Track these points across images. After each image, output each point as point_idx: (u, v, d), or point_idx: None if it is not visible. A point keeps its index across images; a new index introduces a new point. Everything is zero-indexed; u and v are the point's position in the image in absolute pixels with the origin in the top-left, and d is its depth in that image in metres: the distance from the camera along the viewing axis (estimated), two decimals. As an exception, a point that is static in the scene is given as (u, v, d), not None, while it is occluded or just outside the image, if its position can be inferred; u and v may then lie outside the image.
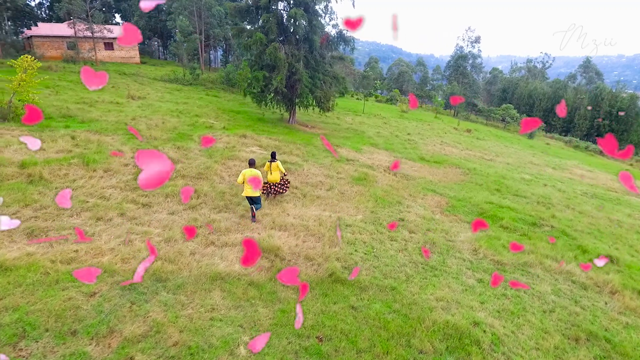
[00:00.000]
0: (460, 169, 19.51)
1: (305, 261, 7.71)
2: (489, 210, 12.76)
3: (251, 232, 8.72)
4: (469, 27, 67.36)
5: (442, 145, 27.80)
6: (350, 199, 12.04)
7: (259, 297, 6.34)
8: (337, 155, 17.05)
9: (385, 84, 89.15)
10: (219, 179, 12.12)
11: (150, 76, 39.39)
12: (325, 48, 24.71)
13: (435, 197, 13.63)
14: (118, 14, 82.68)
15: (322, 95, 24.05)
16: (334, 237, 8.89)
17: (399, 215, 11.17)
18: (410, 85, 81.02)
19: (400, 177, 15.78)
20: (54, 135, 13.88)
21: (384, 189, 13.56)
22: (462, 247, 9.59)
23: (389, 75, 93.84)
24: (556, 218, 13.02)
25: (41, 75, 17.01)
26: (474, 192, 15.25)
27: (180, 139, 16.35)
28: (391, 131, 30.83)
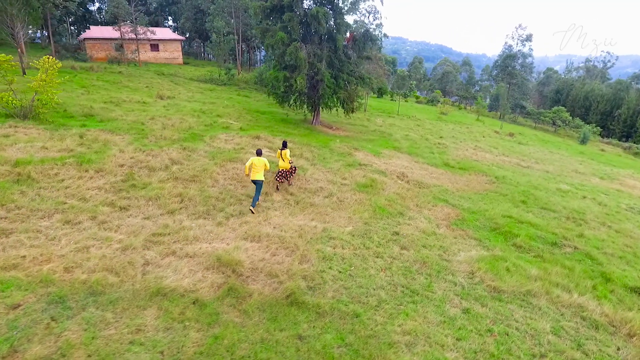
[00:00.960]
0: (487, 177, 17.99)
1: (266, 278, 7.06)
2: (504, 226, 11.44)
3: (220, 241, 8.20)
4: (519, 24, 63.43)
5: (475, 150, 26.05)
6: (346, 208, 11.23)
7: (197, 319, 5.78)
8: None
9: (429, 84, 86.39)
10: (213, 182, 11.75)
11: (187, 76, 40.37)
12: (352, 48, 23.84)
13: (446, 208, 12.47)
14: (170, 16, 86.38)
15: (345, 96, 23.24)
16: (309, 251, 8.17)
17: (395, 228, 10.22)
18: (455, 86, 77.79)
19: (413, 184, 14.69)
20: (65, 134, 14.19)
21: (389, 197, 12.59)
22: (457, 268, 8.52)
23: (432, 76, 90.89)
24: (584, 237, 11.45)
25: (62, 76, 17.45)
26: (494, 203, 13.87)
27: (190, 140, 16.25)
28: (422, 134, 29.40)
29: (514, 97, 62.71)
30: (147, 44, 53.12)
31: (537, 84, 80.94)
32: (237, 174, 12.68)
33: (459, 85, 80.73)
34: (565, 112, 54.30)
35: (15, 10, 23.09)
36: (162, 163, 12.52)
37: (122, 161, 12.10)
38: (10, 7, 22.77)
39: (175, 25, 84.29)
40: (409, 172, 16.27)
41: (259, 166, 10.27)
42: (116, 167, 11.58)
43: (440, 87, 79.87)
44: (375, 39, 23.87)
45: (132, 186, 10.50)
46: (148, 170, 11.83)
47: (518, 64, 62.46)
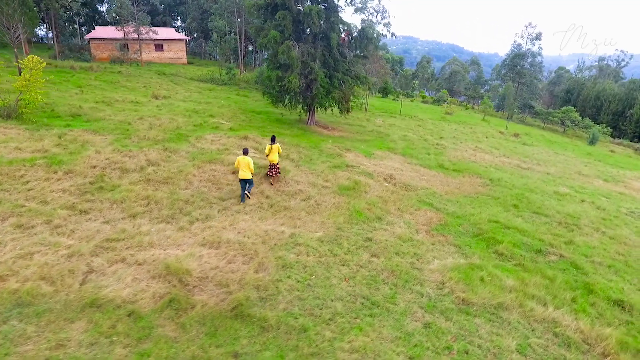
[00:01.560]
0: (481, 179, 17.38)
1: (215, 288, 6.68)
2: (489, 231, 10.88)
3: (176, 248, 7.84)
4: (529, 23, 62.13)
5: (474, 151, 25.37)
6: (322, 212, 10.80)
7: (128, 333, 5.42)
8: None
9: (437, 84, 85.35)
10: (186, 184, 11.42)
11: (188, 76, 40.30)
12: (348, 47, 23.37)
13: (429, 213, 11.95)
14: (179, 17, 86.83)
15: (340, 95, 22.78)
16: (268, 259, 7.77)
17: (369, 233, 9.76)
18: (463, 85, 76.66)
19: (400, 187, 14.19)
20: (45, 134, 14.01)
21: (370, 201, 12.12)
22: (428, 277, 8.03)
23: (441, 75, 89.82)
24: (573, 244, 10.84)
25: (46, 76, 17.32)
26: (482, 207, 13.31)
27: (175, 140, 15.98)
28: (422, 135, 28.78)
29: (522, 96, 61.45)
30: (152, 44, 53.30)
31: (548, 84, 79.33)
32: (214, 176, 12.34)
33: (467, 85, 79.59)
34: (574, 112, 52.97)
35: (11, 10, 23.09)
36: (137, 164, 12.24)
37: (96, 162, 11.85)
38: (6, 7, 22.78)
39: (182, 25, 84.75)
40: (398, 174, 15.76)
41: (243, 164, 10.63)
42: (88, 168, 11.32)
43: (447, 86, 78.74)
44: (372, 37, 23.35)
45: (99, 188, 10.22)
46: (121, 171, 11.56)
47: (527, 63, 61.21)
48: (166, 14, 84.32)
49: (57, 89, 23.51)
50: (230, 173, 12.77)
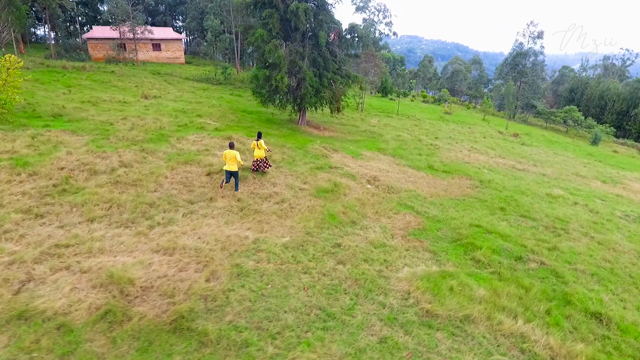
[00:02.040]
0: (471, 181, 16.89)
1: (159, 299, 6.30)
2: (468, 236, 10.42)
3: (128, 254, 7.46)
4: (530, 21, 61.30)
5: (469, 151, 24.85)
6: (294, 216, 10.39)
7: (51, 349, 5.05)
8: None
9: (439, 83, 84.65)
10: (156, 186, 11.06)
11: (183, 76, 40.01)
12: (338, 45, 22.92)
13: (408, 216, 11.50)
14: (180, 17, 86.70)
15: (330, 95, 22.34)
16: (224, 267, 7.38)
17: (339, 239, 9.33)
18: (465, 84, 75.90)
19: (382, 189, 13.74)
20: (18, 135, 13.72)
21: (347, 204, 11.70)
22: (394, 286, 7.60)
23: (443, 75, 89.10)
24: (556, 250, 10.35)
25: (24, 75, 17.04)
26: (467, 210, 12.83)
27: (155, 141, 15.65)
28: (417, 134, 28.29)
29: (524, 96, 60.66)
30: (149, 43, 53.09)
31: (552, 83, 78.34)
32: (188, 178, 11.97)
33: (469, 84, 78.83)
34: (577, 112, 52.13)
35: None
36: (108, 166, 11.90)
37: (65, 164, 11.51)
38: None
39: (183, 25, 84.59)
40: (382, 176, 15.32)
41: (229, 158, 11.05)
42: (55, 170, 10.99)
43: (449, 86, 78.03)
44: (362, 35, 22.91)
45: (62, 191, 9.88)
46: (89, 173, 11.22)
47: (529, 62, 60.40)
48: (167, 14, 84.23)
49: (44, 88, 23.28)
50: (205, 175, 12.41)
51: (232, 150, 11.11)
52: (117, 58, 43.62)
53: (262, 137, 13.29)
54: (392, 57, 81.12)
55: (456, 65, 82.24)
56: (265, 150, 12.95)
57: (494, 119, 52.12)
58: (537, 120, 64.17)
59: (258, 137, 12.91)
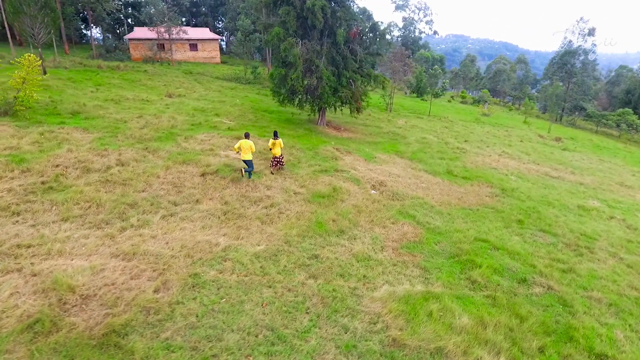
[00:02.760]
0: (492, 189, 15.58)
1: (99, 309, 5.91)
2: (469, 252, 9.39)
3: (85, 258, 7.17)
4: (580, 17, 57.09)
5: (499, 156, 23.20)
6: (279, 222, 9.80)
7: (-39, 361, 4.76)
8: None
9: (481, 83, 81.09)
10: (145, 186, 10.85)
11: (214, 75, 40.55)
12: (359, 43, 22.07)
13: (406, 226, 10.59)
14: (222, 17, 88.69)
15: (348, 95, 21.54)
16: (181, 276, 6.91)
17: (318, 250, 8.64)
18: (508, 85, 72.14)
19: (386, 195, 12.85)
20: (30, 131, 14.07)
21: (342, 211, 10.96)
22: (365, 308, 6.82)
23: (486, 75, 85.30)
24: (572, 273, 9.09)
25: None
26: (477, 222, 11.70)
27: (163, 139, 15.62)
28: (444, 137, 26.87)
29: (573, 97, 56.63)
30: (187, 44, 54.48)
31: (606, 84, 72.73)
32: (180, 178, 11.70)
33: (514, 85, 74.83)
34: (632, 115, 47.95)
35: (35, 11, 23.99)
36: (104, 164, 11.87)
37: (62, 161, 11.58)
38: (29, 9, 23.70)
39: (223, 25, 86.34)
40: (391, 181, 14.41)
41: (245, 147, 11.82)
42: (49, 167, 11.05)
43: (491, 86, 74.49)
44: (383, 33, 21.94)
45: (48, 189, 9.86)
46: (83, 171, 11.20)
47: (578, 61, 56.31)
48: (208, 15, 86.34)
49: (74, 87, 24.14)
50: (199, 175, 12.10)
51: (247, 140, 12.00)
52: (153, 58, 44.98)
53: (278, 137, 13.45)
54: (431, 57, 78.66)
55: (500, 64, 78.36)
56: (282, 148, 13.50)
57: (536, 122, 49.01)
58: (586, 124, 59.78)
59: (275, 136, 13.20)
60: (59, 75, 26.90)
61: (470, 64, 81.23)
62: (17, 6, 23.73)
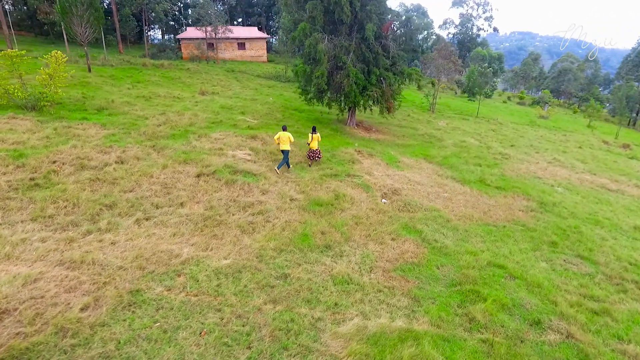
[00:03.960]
0: (528, 202, 13.63)
1: (12, 326, 5.31)
2: (476, 280, 7.89)
3: (28, 264, 6.68)
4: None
5: (548, 164, 20.70)
6: (260, 232, 8.88)
7: None
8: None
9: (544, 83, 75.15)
10: (134, 186, 10.41)
11: (255, 73, 40.64)
12: (392, 39, 20.61)
13: (408, 244, 9.22)
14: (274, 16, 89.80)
15: (378, 93, 20.17)
16: (117, 292, 6.20)
17: (292, 268, 7.58)
18: (574, 85, 66.04)
19: (396, 205, 11.49)
20: (47, 126, 14.30)
21: (337, 222, 9.82)
22: (321, 346, 5.70)
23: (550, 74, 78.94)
24: (605, 315, 7.29)
25: (68, 70, 17.89)
26: (498, 242, 10.04)
27: (176, 137, 15.34)
28: (487, 141, 24.61)
29: (650, 99, 50.46)
30: (235, 42, 55.41)
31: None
32: (174, 178, 11.16)
33: (581, 85, 68.40)
34: None
35: (81, 11, 25.02)
36: (103, 162, 11.63)
37: (61, 157, 11.47)
38: (76, 9, 24.75)
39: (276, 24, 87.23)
40: (408, 189, 12.99)
41: (284, 139, 12.73)
42: (46, 163, 10.94)
43: (555, 86, 68.65)
44: (418, 27, 20.31)
45: (34, 185, 9.67)
46: (78, 168, 10.99)
47: (659, 58, 50.00)
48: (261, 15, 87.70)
49: (112, 84, 24.87)
50: (194, 176, 11.50)
51: (285, 132, 12.88)
52: (200, 56, 46.00)
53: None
54: (488, 55, 74.06)
55: (566, 63, 72.00)
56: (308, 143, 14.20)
57: (603, 126, 44.19)
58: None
59: (313, 131, 13.97)
60: (103, 72, 27.97)
61: (533, 63, 75.48)
62: (66, 7, 24.86)
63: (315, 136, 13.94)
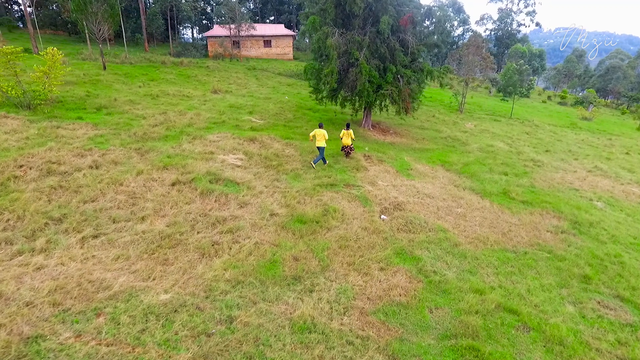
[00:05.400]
0: (559, 220, 11.60)
1: None
2: (477, 331, 6.20)
3: None
4: None
5: (588, 173, 18.25)
6: (222, 256, 7.54)
7: None
8: None
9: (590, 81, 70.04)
10: (98, 195, 9.34)
11: (276, 71, 39.58)
12: (412, 33, 18.76)
13: (400, 275, 7.60)
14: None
15: (394, 92, 18.41)
16: (5, 342, 5.02)
17: (239, 309, 6.18)
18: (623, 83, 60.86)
19: (397, 223, 9.83)
20: (35, 125, 13.64)
21: (319, 244, 8.33)
22: None
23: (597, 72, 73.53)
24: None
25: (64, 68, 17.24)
26: (514, 275, 8.23)
27: (167, 139, 14.37)
28: (519, 145, 22.27)
29: None
30: (261, 40, 54.72)
31: None
32: (145, 187, 10.04)
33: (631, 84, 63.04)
34: None
35: (95, 8, 24.71)
36: (75, 166, 10.69)
37: (31, 161, 10.62)
38: (89, 5, 24.44)
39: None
40: (415, 202, 11.29)
41: (319, 136, 13.10)
42: (11, 167, 10.10)
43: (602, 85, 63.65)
44: (441, 19, 18.36)
45: (-15, 193, 8.79)
46: (43, 174, 10.07)
47: None
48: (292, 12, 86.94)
49: (124, 82, 24.38)
50: (169, 184, 10.34)
51: (321, 129, 13.20)
52: (223, 54, 45.50)
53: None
54: (528, 52, 69.72)
55: (615, 60, 66.65)
56: (352, 139, 14.59)
57: (656, 129, 39.95)
58: None
59: (347, 127, 14.36)
60: (118, 70, 27.66)
61: (577, 60, 70.44)
62: (81, 4, 24.60)
63: (349, 132, 14.37)
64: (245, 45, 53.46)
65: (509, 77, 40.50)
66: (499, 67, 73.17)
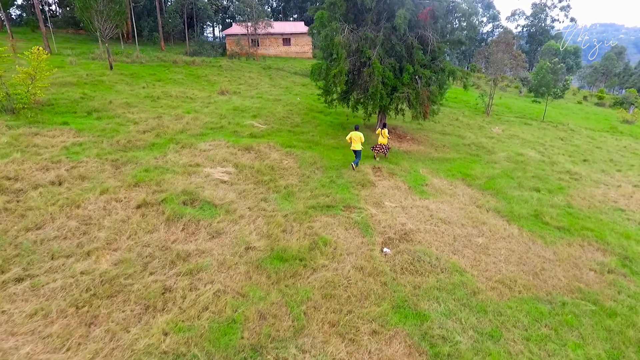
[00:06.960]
0: (605, 255, 9.48)
1: None
2: None
3: None
4: None
5: (635, 188, 15.80)
6: (171, 311, 5.95)
7: None
8: None
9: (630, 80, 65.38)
10: (45, 221, 7.94)
11: (292, 70, 38.05)
12: (433, 29, 16.71)
13: (396, 344, 5.79)
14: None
15: (411, 95, 16.43)
16: None
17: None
18: (669, 82, 56.16)
19: (402, 260, 7.99)
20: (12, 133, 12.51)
21: (298, 292, 6.63)
22: None
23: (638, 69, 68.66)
24: None
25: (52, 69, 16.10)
26: (551, 342, 6.30)
27: (153, 148, 13.04)
28: (552, 154, 19.87)
29: None
30: (280, 38, 53.40)
31: None
32: (104, 210, 8.60)
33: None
34: None
35: (102, 6, 23.77)
36: (33, 183, 9.37)
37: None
38: (95, 4, 23.51)
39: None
40: (427, 230, 9.42)
41: (355, 139, 12.96)
42: (-37, 183, 8.87)
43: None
44: (465, 13, 16.26)
45: None
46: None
47: None
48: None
49: (128, 82, 23.31)
50: (134, 207, 8.86)
51: (357, 132, 13.12)
52: (239, 53, 44.35)
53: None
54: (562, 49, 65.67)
55: (659, 56, 61.74)
56: (388, 138, 14.99)
57: None
58: None
59: (383, 127, 14.83)
60: (125, 70, 26.68)
61: (616, 57, 65.83)
62: (85, 2, 23.72)
63: (384, 131, 14.65)
64: (264, 43, 52.19)
65: (541, 76, 37.49)
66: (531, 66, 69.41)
